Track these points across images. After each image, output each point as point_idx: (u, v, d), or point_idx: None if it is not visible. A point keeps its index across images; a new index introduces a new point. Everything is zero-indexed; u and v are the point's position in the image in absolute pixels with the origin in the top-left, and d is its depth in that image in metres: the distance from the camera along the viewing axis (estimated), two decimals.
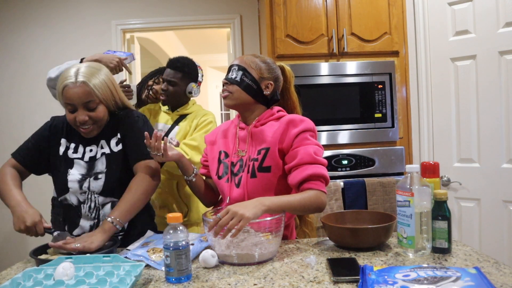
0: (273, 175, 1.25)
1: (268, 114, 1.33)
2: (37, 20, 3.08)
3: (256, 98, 1.30)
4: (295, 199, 1.15)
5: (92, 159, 1.32)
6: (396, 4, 2.28)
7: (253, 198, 1.12)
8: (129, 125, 1.35)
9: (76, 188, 1.29)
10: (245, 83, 1.28)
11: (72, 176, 1.30)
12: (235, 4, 3.14)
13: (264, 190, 1.25)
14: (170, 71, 1.91)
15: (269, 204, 1.09)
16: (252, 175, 1.25)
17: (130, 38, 3.37)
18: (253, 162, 1.26)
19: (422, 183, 1.04)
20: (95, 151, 1.34)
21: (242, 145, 1.32)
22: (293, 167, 1.23)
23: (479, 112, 2.07)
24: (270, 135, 1.27)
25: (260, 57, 1.35)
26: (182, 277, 0.94)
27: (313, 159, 1.21)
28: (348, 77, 2.25)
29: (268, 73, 1.32)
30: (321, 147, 1.28)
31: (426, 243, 1.04)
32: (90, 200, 1.31)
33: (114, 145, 1.35)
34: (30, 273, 0.95)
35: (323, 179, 1.21)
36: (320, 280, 0.90)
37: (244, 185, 1.26)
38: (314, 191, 1.19)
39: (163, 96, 1.92)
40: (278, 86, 1.37)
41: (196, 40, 5.56)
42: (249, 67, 1.30)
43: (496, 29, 2.00)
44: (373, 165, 2.24)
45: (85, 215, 1.31)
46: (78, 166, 1.32)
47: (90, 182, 1.30)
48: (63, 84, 1.22)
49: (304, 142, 1.24)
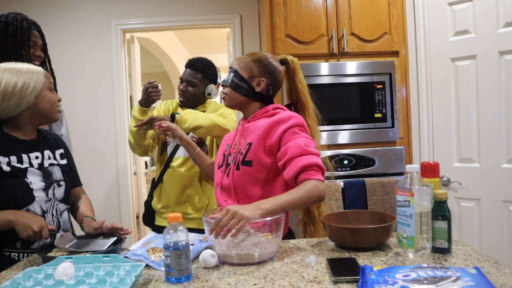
0: (254, 169, 1.30)
1: (262, 111, 1.38)
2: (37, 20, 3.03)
3: (248, 96, 1.37)
4: (293, 196, 1.15)
5: (41, 166, 1.30)
6: (396, 4, 2.28)
7: (239, 189, 1.29)
8: (66, 147, 1.47)
9: (42, 196, 1.27)
10: (235, 84, 1.36)
11: (35, 185, 1.26)
12: (235, 4, 3.14)
13: (247, 182, 1.31)
14: (190, 72, 1.92)
15: (267, 207, 1.08)
16: (237, 168, 1.33)
17: (130, 38, 3.37)
18: (239, 156, 1.34)
19: (422, 183, 1.04)
20: (41, 158, 1.32)
21: (239, 139, 1.42)
22: (286, 162, 1.24)
23: (479, 112, 2.07)
24: (256, 131, 1.32)
25: (254, 55, 1.40)
26: (182, 277, 0.94)
27: (304, 151, 1.22)
28: (348, 77, 2.25)
29: (259, 70, 1.36)
30: (312, 140, 1.30)
31: (426, 243, 1.04)
32: (53, 207, 1.31)
33: (59, 157, 1.40)
34: (30, 273, 0.95)
35: (317, 168, 1.21)
36: (320, 280, 0.90)
37: (231, 175, 1.34)
38: (311, 182, 1.18)
39: (182, 97, 1.93)
40: (275, 80, 1.39)
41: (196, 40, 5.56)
42: (240, 68, 1.37)
43: (496, 29, 2.00)
44: (373, 165, 2.24)
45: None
46: (33, 174, 1.27)
47: (55, 189, 1.31)
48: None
49: (293, 137, 1.26)
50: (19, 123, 1.29)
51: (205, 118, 1.78)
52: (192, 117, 1.77)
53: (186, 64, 1.97)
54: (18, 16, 1.60)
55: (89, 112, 3.12)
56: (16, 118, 1.28)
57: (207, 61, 1.99)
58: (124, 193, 3.16)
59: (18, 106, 1.25)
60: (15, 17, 1.59)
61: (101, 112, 3.13)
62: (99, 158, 3.12)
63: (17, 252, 1.24)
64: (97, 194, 3.05)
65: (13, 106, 1.24)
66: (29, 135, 1.32)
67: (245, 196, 1.32)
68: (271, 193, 1.29)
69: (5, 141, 1.26)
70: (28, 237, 1.15)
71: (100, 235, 1.26)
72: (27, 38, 1.60)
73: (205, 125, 1.76)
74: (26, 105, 1.26)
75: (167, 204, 1.94)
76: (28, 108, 1.27)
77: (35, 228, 1.14)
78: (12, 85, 1.22)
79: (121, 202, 3.15)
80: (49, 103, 1.31)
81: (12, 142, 1.27)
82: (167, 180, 1.94)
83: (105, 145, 3.13)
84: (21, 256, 1.24)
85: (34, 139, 1.34)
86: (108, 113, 3.13)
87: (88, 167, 3.03)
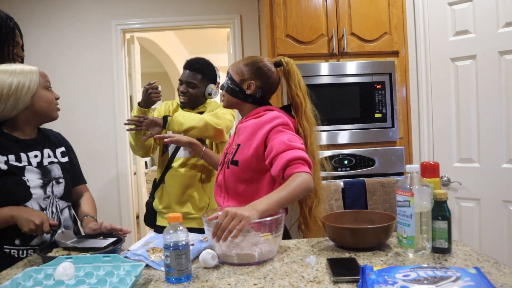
0: (240, 169, 1.36)
1: (253, 112, 1.43)
2: (37, 20, 3.08)
3: (240, 98, 1.44)
4: (284, 192, 1.15)
5: (40, 164, 1.31)
6: (396, 4, 2.28)
7: (228, 186, 1.39)
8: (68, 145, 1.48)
9: (40, 193, 1.28)
10: (228, 87, 1.45)
11: (32, 183, 1.27)
12: (235, 4, 3.14)
13: (234, 180, 1.39)
14: (189, 73, 1.91)
15: (262, 208, 1.09)
16: (227, 166, 1.41)
17: (130, 38, 3.37)
18: (230, 155, 1.42)
19: (422, 183, 1.04)
20: (40, 156, 1.32)
21: (233, 139, 1.50)
22: (272, 159, 1.27)
23: (479, 112, 2.07)
24: (244, 132, 1.38)
25: (247, 59, 1.47)
26: (182, 277, 0.94)
27: (288, 146, 1.25)
28: (348, 77, 2.25)
29: (249, 73, 1.42)
30: (298, 136, 1.34)
31: (426, 243, 1.04)
32: (52, 205, 1.31)
33: (60, 155, 1.39)
34: (30, 273, 0.95)
35: (302, 161, 1.23)
36: (320, 280, 0.90)
37: (223, 173, 1.43)
38: (298, 175, 1.19)
39: (184, 98, 1.93)
40: (265, 82, 1.43)
41: (196, 40, 5.56)
42: (233, 72, 1.45)
43: (496, 29, 2.00)
44: (373, 165, 2.24)
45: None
46: (31, 172, 1.28)
47: (53, 186, 1.31)
48: None
49: (278, 135, 1.30)
50: (18, 123, 1.29)
51: (197, 119, 1.77)
52: (185, 119, 1.76)
53: (185, 66, 1.96)
54: (2, 13, 1.56)
55: (89, 112, 3.12)
56: (15, 119, 1.28)
57: (206, 61, 1.99)
58: (124, 193, 3.16)
59: (15, 107, 1.25)
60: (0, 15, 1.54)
61: (101, 112, 3.13)
62: (99, 158, 3.12)
63: (17, 249, 1.24)
64: (97, 194, 3.02)
65: (10, 107, 1.25)
66: (29, 134, 1.33)
67: (233, 193, 1.39)
68: (258, 191, 1.35)
69: (4, 140, 1.27)
70: (30, 231, 1.16)
71: (100, 235, 1.26)
72: (12, 37, 1.56)
73: (198, 126, 1.75)
74: (23, 106, 1.26)
75: (169, 204, 1.94)
76: (26, 108, 1.27)
77: (36, 222, 1.15)
78: (7, 87, 1.23)
79: (121, 202, 3.15)
80: (46, 102, 1.31)
81: (11, 142, 1.27)
82: (169, 180, 1.94)
83: (105, 145, 3.13)
84: (21, 253, 1.24)
85: (34, 138, 1.34)
86: (108, 113, 3.13)
87: (88, 167, 3.00)
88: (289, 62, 1.45)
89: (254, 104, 1.45)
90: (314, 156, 1.41)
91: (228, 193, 1.41)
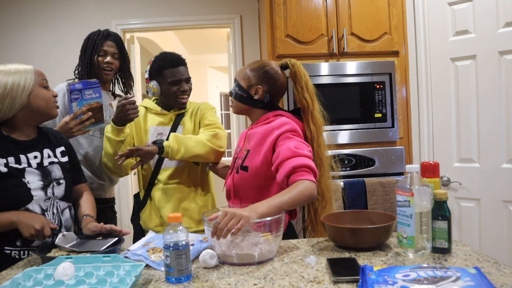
0: (249, 175, 1.37)
1: (264, 118, 1.44)
2: (37, 20, 3.08)
3: (249, 104, 1.45)
4: (286, 197, 1.15)
5: (40, 165, 1.30)
6: (396, 4, 2.28)
7: (238, 191, 1.40)
8: (68, 144, 1.47)
9: (41, 195, 1.27)
10: (236, 94, 1.46)
11: (33, 184, 1.26)
12: (235, 4, 3.14)
13: (243, 186, 1.40)
14: (185, 68, 1.77)
15: (262, 210, 1.08)
16: (237, 171, 1.42)
17: (130, 38, 3.37)
18: (239, 160, 1.43)
19: (422, 183, 1.04)
20: (40, 157, 1.32)
21: (244, 144, 1.49)
22: (278, 165, 1.27)
23: (479, 112, 2.07)
24: (254, 138, 1.37)
25: (253, 64, 1.47)
26: (182, 277, 0.94)
27: (294, 153, 1.25)
28: (348, 77, 2.25)
29: (256, 78, 1.43)
30: (306, 143, 1.33)
31: (426, 243, 1.04)
32: (53, 206, 1.31)
33: (60, 155, 1.39)
34: (30, 273, 0.95)
35: (307, 169, 1.23)
36: (320, 280, 0.90)
37: (232, 178, 1.44)
38: (301, 182, 1.19)
39: (185, 98, 1.78)
40: (272, 86, 1.43)
41: (196, 40, 5.56)
42: (240, 78, 1.46)
43: (496, 29, 2.00)
44: (373, 165, 2.24)
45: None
46: (31, 174, 1.27)
47: (54, 187, 1.31)
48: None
49: (285, 141, 1.30)
50: (16, 124, 1.29)
51: (199, 145, 1.63)
52: (184, 145, 1.61)
53: (174, 63, 1.72)
54: (101, 31, 1.87)
55: None
56: (13, 119, 1.28)
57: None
58: (124, 193, 3.16)
59: (12, 107, 1.25)
60: (97, 32, 1.86)
61: None
62: None
63: (18, 250, 1.24)
64: None
65: (7, 107, 1.24)
66: (28, 134, 1.32)
67: (242, 197, 1.39)
68: (266, 197, 1.28)
69: (3, 142, 1.26)
70: (31, 236, 1.16)
71: (99, 235, 1.26)
72: (98, 47, 1.81)
73: (202, 153, 1.63)
74: (20, 105, 1.26)
75: (162, 222, 1.74)
76: (23, 108, 1.27)
77: (37, 227, 1.15)
78: (2, 87, 1.22)
79: (121, 202, 3.15)
80: (43, 101, 1.31)
81: (9, 144, 1.27)
82: (157, 196, 1.73)
83: None
84: (22, 254, 1.24)
85: (33, 138, 1.34)
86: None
87: None
88: (295, 64, 1.44)
89: (263, 109, 1.45)
90: (322, 158, 1.40)
91: (236, 197, 1.42)
